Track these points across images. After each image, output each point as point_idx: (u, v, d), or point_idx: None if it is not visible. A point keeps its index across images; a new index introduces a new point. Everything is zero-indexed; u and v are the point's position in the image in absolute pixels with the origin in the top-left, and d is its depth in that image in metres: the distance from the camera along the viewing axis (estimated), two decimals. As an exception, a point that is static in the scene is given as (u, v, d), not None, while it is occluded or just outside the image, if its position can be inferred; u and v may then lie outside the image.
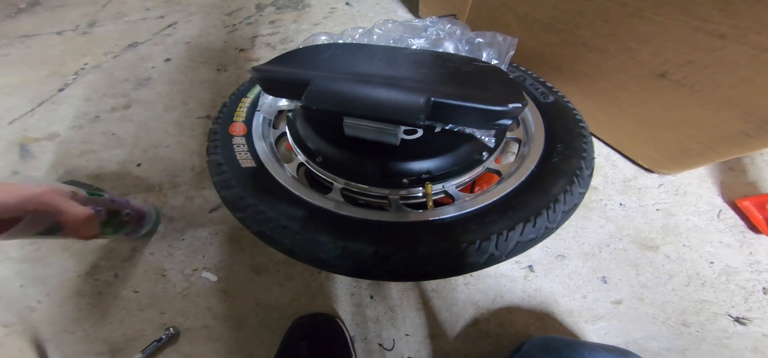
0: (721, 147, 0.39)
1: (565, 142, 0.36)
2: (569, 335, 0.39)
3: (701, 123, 0.38)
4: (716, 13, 0.30)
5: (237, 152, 0.37)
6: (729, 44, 0.31)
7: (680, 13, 0.32)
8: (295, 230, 0.28)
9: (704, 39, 0.32)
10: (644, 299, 0.41)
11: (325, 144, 0.36)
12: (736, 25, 0.30)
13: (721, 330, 0.39)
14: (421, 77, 0.33)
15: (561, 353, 0.29)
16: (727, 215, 0.47)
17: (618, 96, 0.45)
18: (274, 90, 0.36)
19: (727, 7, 0.29)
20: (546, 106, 0.42)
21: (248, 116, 0.42)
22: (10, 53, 0.78)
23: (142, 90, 0.67)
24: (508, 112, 0.28)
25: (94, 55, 0.76)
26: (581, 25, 0.42)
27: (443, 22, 0.43)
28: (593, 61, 0.44)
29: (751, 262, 0.43)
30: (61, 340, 0.39)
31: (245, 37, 0.80)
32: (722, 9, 0.30)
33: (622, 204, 0.49)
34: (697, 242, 0.45)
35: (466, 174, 0.35)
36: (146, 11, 0.90)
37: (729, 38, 0.31)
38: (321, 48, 0.40)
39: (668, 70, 0.37)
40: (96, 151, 0.56)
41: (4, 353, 0.39)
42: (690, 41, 0.33)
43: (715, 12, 0.30)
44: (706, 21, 0.31)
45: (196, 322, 0.40)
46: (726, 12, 0.29)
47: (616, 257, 0.44)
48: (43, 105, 0.65)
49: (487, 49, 0.40)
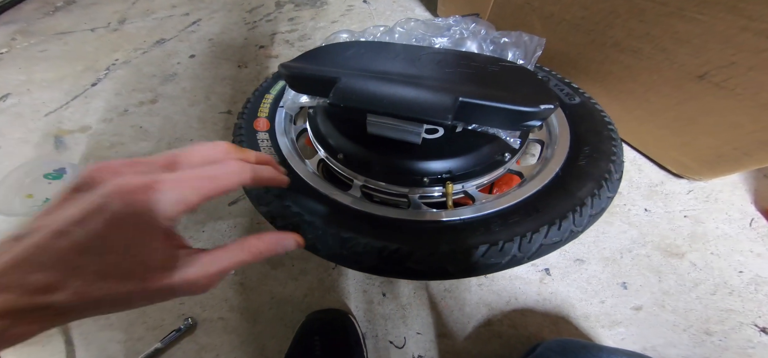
0: (759, 153, 0.37)
1: (592, 144, 0.35)
2: (585, 339, 0.38)
3: (739, 127, 0.36)
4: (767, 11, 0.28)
5: (261, 147, 0.37)
6: (779, 45, 0.29)
7: (727, 11, 0.30)
8: (319, 226, 0.28)
9: (752, 39, 0.30)
10: (666, 306, 0.40)
11: (346, 141, 0.36)
12: None
13: (746, 340, 0.37)
14: (446, 76, 0.33)
15: (578, 356, 0.28)
16: (760, 224, 0.45)
17: (649, 99, 0.43)
18: (301, 87, 0.36)
19: None
20: (571, 108, 0.40)
21: (271, 112, 0.42)
22: (48, 49, 0.83)
23: (168, 85, 0.70)
24: (538, 113, 0.27)
25: (124, 51, 0.80)
26: (614, 26, 0.40)
27: (467, 21, 0.43)
28: (624, 62, 0.42)
29: (781, 271, 0.41)
30: (86, 327, 0.41)
31: (265, 34, 0.81)
32: None
33: (647, 210, 0.47)
34: (726, 250, 0.43)
35: (487, 175, 0.34)
36: (172, 8, 0.93)
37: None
38: (345, 45, 0.41)
39: (709, 72, 0.35)
40: (125, 144, 0.59)
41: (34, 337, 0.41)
42: (736, 41, 0.31)
43: (766, 10, 0.28)
44: (755, 20, 0.29)
45: (213, 313, 0.41)
46: None
47: (638, 262, 0.43)
48: (77, 99, 0.68)
49: (513, 49, 0.39)
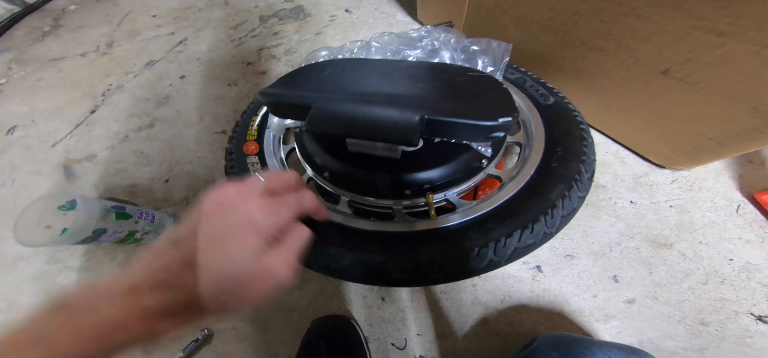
0: (733, 142, 0.38)
1: (564, 145, 0.36)
2: (581, 333, 0.40)
3: (711, 119, 0.37)
4: (712, 11, 0.30)
5: (251, 171, 0.40)
6: (729, 42, 0.30)
7: (676, 11, 0.32)
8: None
9: (703, 37, 0.32)
10: (658, 298, 0.40)
11: (330, 159, 0.39)
12: (734, 23, 0.29)
13: (743, 329, 0.38)
14: (417, 92, 0.35)
15: (570, 350, 0.29)
16: (747, 210, 0.45)
17: (621, 94, 0.44)
18: (280, 113, 0.38)
19: (725, 5, 0.29)
20: (546, 109, 0.41)
21: (259, 134, 0.45)
22: (44, 77, 0.85)
23: (162, 109, 0.72)
24: (498, 127, 0.29)
25: (116, 75, 0.82)
26: (578, 25, 0.42)
27: (438, 31, 0.44)
28: (594, 59, 0.44)
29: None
30: None
31: (252, 49, 0.83)
32: (719, 7, 0.29)
33: (632, 202, 0.48)
34: (714, 238, 0.43)
35: (467, 182, 0.36)
36: (157, 28, 0.94)
37: (728, 36, 0.30)
38: (322, 66, 0.43)
39: (670, 68, 0.37)
40: (129, 170, 0.62)
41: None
42: (689, 39, 0.33)
43: (711, 10, 0.30)
44: (703, 19, 0.30)
45: (227, 324, 0.45)
46: (723, 10, 0.29)
47: (627, 255, 0.44)
48: (79, 127, 0.72)
49: (482, 57, 0.40)
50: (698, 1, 0.30)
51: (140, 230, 0.46)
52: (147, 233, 0.48)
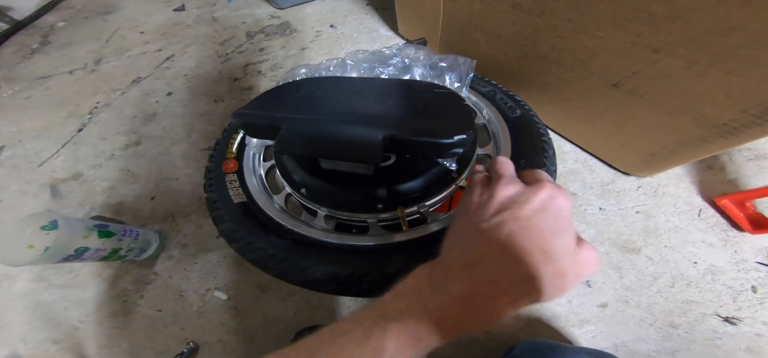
0: (683, 151, 0.40)
1: (527, 157, 0.38)
2: (558, 339, 0.41)
3: (660, 129, 0.40)
4: (646, 29, 0.32)
5: (229, 189, 0.41)
6: (663, 57, 0.33)
7: (616, 28, 0.34)
8: (281, 258, 0.33)
9: (642, 53, 0.34)
10: (629, 302, 0.41)
11: (306, 176, 0.40)
12: (665, 40, 0.32)
13: (711, 330, 0.39)
14: (383, 111, 0.36)
15: (547, 355, 0.30)
16: (708, 214, 0.47)
17: (582, 105, 0.47)
18: (253, 133, 0.40)
19: (654, 23, 0.31)
20: (514, 121, 0.43)
21: (239, 152, 0.47)
22: (32, 96, 0.86)
23: (149, 126, 0.74)
24: (453, 144, 0.31)
25: (104, 93, 0.83)
26: (539, 40, 0.44)
27: (410, 49, 0.46)
28: (556, 72, 0.46)
29: (736, 260, 0.43)
30: (102, 354, 0.46)
31: (238, 65, 0.85)
32: (650, 25, 0.32)
33: (601, 208, 0.50)
34: (678, 242, 0.45)
35: (437, 195, 0.37)
36: (145, 45, 0.96)
37: (662, 52, 0.33)
38: (296, 85, 0.44)
39: (619, 81, 0.39)
40: (115, 188, 0.63)
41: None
42: (631, 55, 0.35)
43: (644, 27, 0.32)
44: (639, 36, 0.33)
45: (212, 337, 0.46)
46: (653, 28, 0.32)
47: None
48: (66, 146, 0.73)
49: (449, 73, 0.42)
50: (633, 19, 0.33)
51: (124, 247, 0.47)
52: (131, 249, 0.49)
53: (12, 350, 0.47)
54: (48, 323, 0.49)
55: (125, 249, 0.48)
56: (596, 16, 0.36)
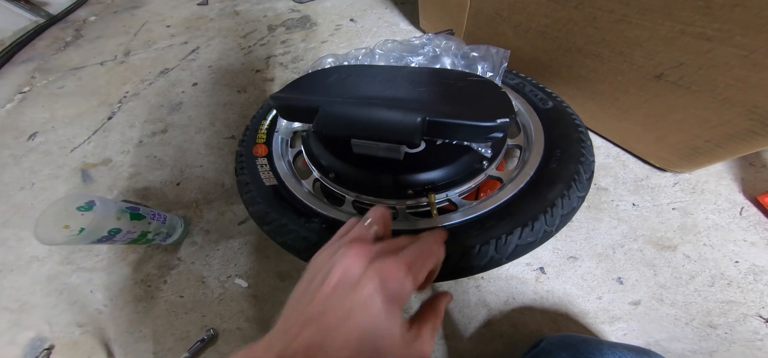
0: (730, 144, 0.38)
1: (563, 147, 0.37)
2: (587, 335, 0.39)
3: (705, 122, 0.38)
4: (699, 17, 0.31)
5: (260, 172, 0.42)
6: (717, 46, 0.31)
7: (665, 18, 0.33)
8: (314, 242, 0.33)
9: (692, 42, 0.33)
10: (664, 300, 0.40)
11: (335, 161, 0.40)
12: (720, 28, 0.30)
13: (752, 332, 0.37)
14: (418, 96, 0.36)
15: (579, 349, 0.28)
16: (750, 212, 0.45)
17: (618, 98, 0.45)
18: (289, 116, 0.40)
19: (709, 11, 0.30)
20: (545, 112, 0.43)
21: (268, 138, 0.47)
22: (65, 85, 0.90)
23: (175, 114, 0.75)
24: (496, 127, 0.31)
25: (132, 83, 0.86)
26: (574, 32, 0.43)
27: (439, 39, 0.46)
28: (590, 65, 0.45)
29: (781, 261, 0.40)
30: (124, 339, 0.46)
31: (260, 58, 0.86)
32: (704, 13, 0.30)
33: (634, 204, 0.48)
34: (718, 240, 0.43)
35: (468, 183, 0.37)
36: (171, 38, 0.99)
37: (716, 40, 0.31)
38: (328, 72, 0.45)
39: (664, 72, 0.38)
40: (142, 174, 0.65)
41: (81, 349, 0.46)
42: (679, 44, 0.34)
43: (697, 16, 0.31)
44: (690, 25, 0.32)
45: (232, 324, 0.46)
46: (708, 16, 0.30)
47: (631, 257, 0.43)
48: (96, 133, 0.75)
49: (482, 63, 0.42)
50: (685, 7, 0.31)
51: (152, 231, 0.48)
52: (159, 233, 0.49)
53: (37, 333, 0.48)
54: (74, 306, 0.50)
55: (153, 233, 0.48)
56: (642, 5, 0.34)
